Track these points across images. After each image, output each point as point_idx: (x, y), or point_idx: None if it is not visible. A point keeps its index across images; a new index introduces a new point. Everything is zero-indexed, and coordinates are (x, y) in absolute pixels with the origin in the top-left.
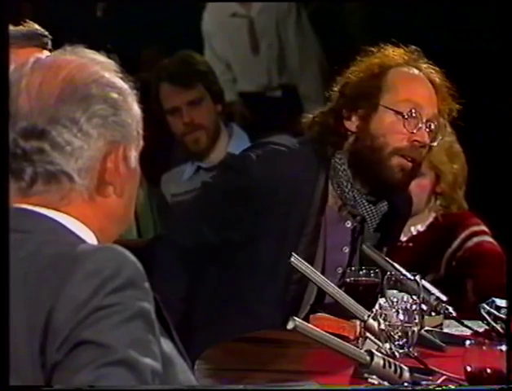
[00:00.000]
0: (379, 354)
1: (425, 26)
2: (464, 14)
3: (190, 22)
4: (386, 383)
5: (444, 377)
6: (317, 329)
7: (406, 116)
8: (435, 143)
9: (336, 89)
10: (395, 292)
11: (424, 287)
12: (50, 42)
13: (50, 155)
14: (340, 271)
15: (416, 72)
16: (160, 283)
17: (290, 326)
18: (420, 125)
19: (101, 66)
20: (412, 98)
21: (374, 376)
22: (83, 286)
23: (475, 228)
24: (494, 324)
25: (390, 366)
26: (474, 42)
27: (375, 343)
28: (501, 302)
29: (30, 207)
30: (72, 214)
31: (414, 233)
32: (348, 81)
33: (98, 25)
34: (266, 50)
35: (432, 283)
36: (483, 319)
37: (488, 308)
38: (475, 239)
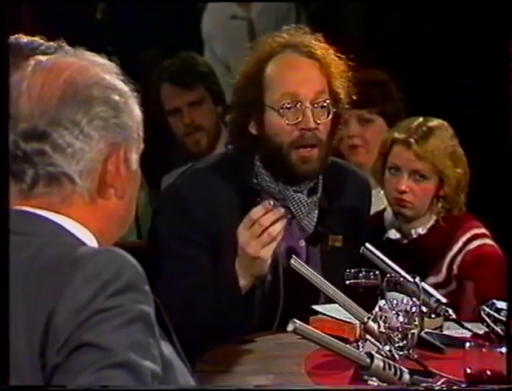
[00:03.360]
0: (379, 356)
1: (425, 26)
2: (464, 14)
3: (190, 24)
4: (385, 385)
5: (444, 379)
6: (317, 331)
7: (282, 111)
8: (330, 117)
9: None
10: (394, 294)
11: (424, 289)
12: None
13: (51, 157)
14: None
15: (291, 56)
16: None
17: (290, 328)
18: (299, 115)
19: (102, 68)
20: (287, 91)
21: (374, 378)
22: (84, 288)
23: (476, 231)
24: (494, 326)
25: (390, 369)
26: (474, 44)
27: (375, 345)
28: (501, 304)
29: (31, 209)
30: (73, 216)
31: (415, 236)
32: (237, 86)
33: (98, 27)
34: None
35: (433, 286)
36: (483, 321)
37: (488, 310)
38: (476, 242)
